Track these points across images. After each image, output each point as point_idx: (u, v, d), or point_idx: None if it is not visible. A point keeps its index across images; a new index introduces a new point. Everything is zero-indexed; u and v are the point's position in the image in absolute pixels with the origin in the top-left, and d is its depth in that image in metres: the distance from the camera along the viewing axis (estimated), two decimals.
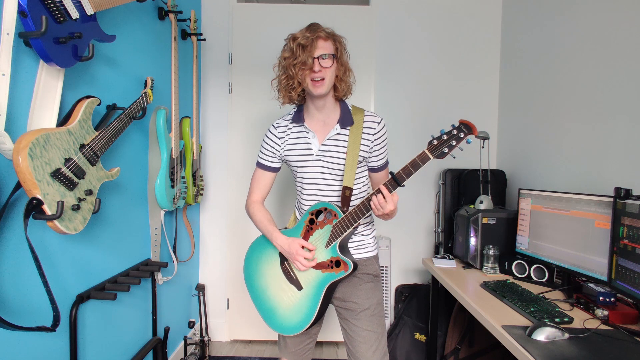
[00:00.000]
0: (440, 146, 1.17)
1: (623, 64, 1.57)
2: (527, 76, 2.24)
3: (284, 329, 1.36)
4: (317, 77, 1.25)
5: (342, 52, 1.32)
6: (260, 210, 1.42)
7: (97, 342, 1.42)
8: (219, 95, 2.58)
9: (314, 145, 1.35)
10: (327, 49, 1.27)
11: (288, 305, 1.36)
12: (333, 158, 1.34)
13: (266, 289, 1.42)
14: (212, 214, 2.62)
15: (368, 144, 1.35)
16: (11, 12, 0.94)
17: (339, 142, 1.34)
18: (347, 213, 1.27)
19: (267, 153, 1.41)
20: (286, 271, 1.38)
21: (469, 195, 2.28)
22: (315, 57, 1.25)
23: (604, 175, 1.64)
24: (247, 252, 1.50)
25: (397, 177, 1.20)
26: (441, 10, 2.55)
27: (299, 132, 1.38)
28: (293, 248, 1.30)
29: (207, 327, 2.50)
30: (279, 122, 1.41)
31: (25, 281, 1.09)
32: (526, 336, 1.17)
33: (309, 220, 1.35)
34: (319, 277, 1.31)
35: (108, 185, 1.44)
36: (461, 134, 1.16)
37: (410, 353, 2.30)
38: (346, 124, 1.34)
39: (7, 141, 0.96)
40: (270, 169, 1.43)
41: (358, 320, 1.34)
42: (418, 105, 2.58)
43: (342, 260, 1.28)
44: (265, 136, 1.42)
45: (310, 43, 1.24)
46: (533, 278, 1.73)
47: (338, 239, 1.29)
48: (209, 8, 2.54)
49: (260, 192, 1.45)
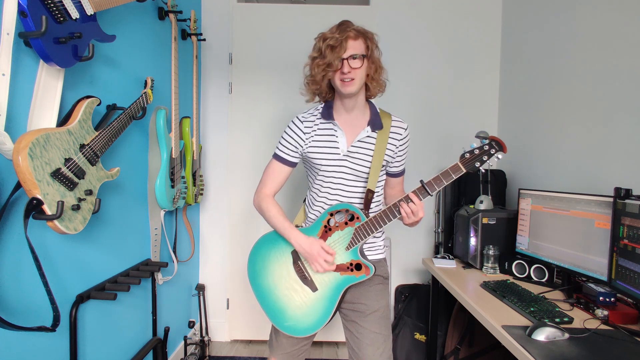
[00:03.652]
0: (473, 160, 1.23)
1: (623, 64, 1.57)
2: (527, 76, 2.24)
3: (294, 330, 1.31)
4: (347, 78, 1.22)
5: (374, 50, 1.28)
6: (274, 205, 1.35)
7: (97, 342, 1.42)
8: (219, 95, 2.58)
9: (341, 145, 1.31)
10: (357, 49, 1.23)
11: (300, 306, 1.31)
12: (360, 160, 1.32)
13: (274, 288, 1.35)
14: (212, 214, 2.62)
15: (393, 149, 1.35)
16: (11, 12, 0.94)
17: (367, 144, 1.32)
18: (373, 217, 1.25)
19: (290, 147, 1.34)
20: (299, 271, 1.33)
21: (469, 195, 2.28)
22: (344, 58, 1.21)
23: (604, 175, 1.64)
24: (253, 249, 1.42)
25: (428, 187, 1.23)
26: (441, 10, 2.56)
27: (326, 130, 1.33)
28: (315, 249, 1.26)
29: (207, 327, 2.50)
30: (305, 116, 1.34)
31: (25, 281, 1.08)
32: (526, 336, 1.17)
33: (327, 220, 1.31)
34: (337, 280, 1.29)
35: (108, 185, 1.44)
36: (492, 150, 1.23)
37: (410, 353, 2.30)
38: (376, 127, 1.32)
39: (7, 141, 0.96)
40: (289, 164, 1.36)
41: (366, 322, 1.32)
42: (418, 105, 2.58)
43: (363, 264, 1.27)
44: (289, 128, 1.34)
45: (339, 44, 1.20)
46: (533, 278, 1.73)
47: (360, 243, 1.27)
48: (209, 8, 2.54)
49: (274, 185, 1.37)
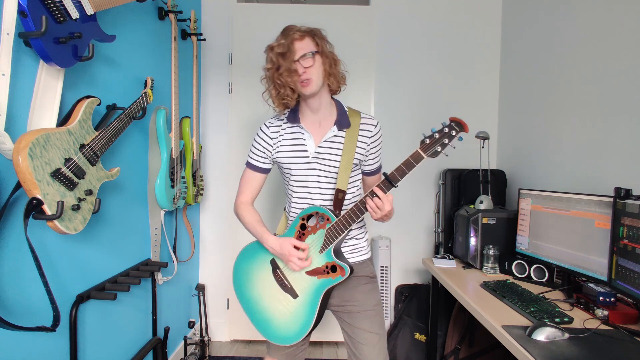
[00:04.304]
0: (433, 145, 1.16)
1: (623, 64, 1.57)
2: (527, 76, 2.24)
3: (281, 339, 1.31)
4: (304, 79, 1.23)
5: (324, 46, 1.27)
6: (249, 212, 1.37)
7: (97, 342, 1.42)
8: (219, 95, 2.58)
9: (309, 147, 1.32)
10: (306, 48, 1.23)
11: (284, 314, 1.31)
12: (329, 160, 1.31)
13: (259, 299, 1.36)
14: (212, 214, 2.62)
15: (364, 147, 1.33)
16: (11, 12, 0.94)
17: (335, 144, 1.31)
18: (341, 217, 1.24)
19: (258, 153, 1.37)
20: (279, 279, 1.33)
21: (469, 195, 2.28)
22: (296, 60, 1.22)
23: (604, 175, 1.64)
24: (235, 263, 1.43)
25: (391, 178, 1.18)
26: (441, 10, 2.56)
27: (293, 133, 1.34)
28: (285, 248, 1.26)
29: (207, 327, 2.50)
30: (271, 122, 1.37)
31: (25, 281, 1.08)
32: (526, 336, 1.17)
33: (300, 225, 1.31)
34: (315, 284, 1.28)
35: (108, 185, 1.44)
36: (453, 131, 1.16)
37: (410, 353, 2.30)
38: (343, 125, 1.31)
39: (7, 141, 0.96)
40: (261, 170, 1.38)
41: (359, 322, 1.33)
42: (418, 105, 2.58)
43: (338, 265, 1.25)
44: (257, 135, 1.37)
45: (287, 49, 1.21)
46: (533, 278, 1.73)
47: (333, 244, 1.26)
48: (209, 8, 2.54)
49: (250, 193, 1.40)
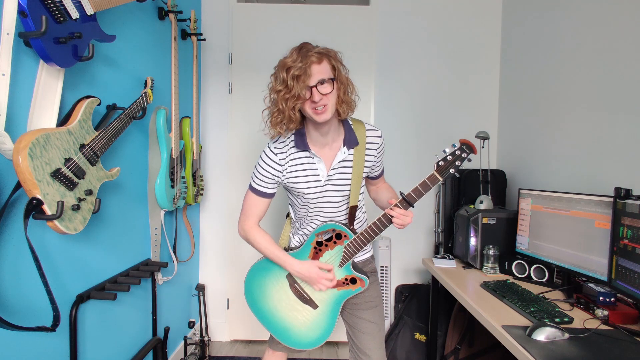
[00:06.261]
0: (447, 167, 1.24)
1: (623, 64, 1.57)
2: (528, 76, 2.24)
3: (301, 345, 1.39)
4: (319, 107, 1.16)
5: (340, 69, 1.20)
6: (261, 235, 1.35)
7: (97, 342, 1.42)
8: (219, 95, 2.58)
9: (321, 172, 1.30)
10: (324, 73, 1.15)
11: (304, 323, 1.38)
12: (340, 180, 1.32)
13: (276, 310, 1.40)
14: (212, 214, 2.62)
15: (372, 159, 1.35)
16: (11, 12, 0.94)
17: (345, 162, 1.31)
18: (360, 234, 1.29)
19: (266, 180, 1.30)
20: (297, 292, 1.38)
21: (469, 195, 2.28)
22: (312, 86, 1.14)
23: (604, 175, 1.64)
24: (247, 278, 1.42)
25: (408, 199, 1.24)
26: (441, 10, 2.56)
27: (302, 158, 1.29)
28: (313, 272, 1.30)
29: (207, 327, 2.50)
30: (277, 147, 1.29)
31: (25, 281, 1.08)
32: (526, 336, 1.17)
33: (315, 242, 1.34)
34: (335, 295, 1.36)
35: (108, 185, 1.44)
36: (464, 154, 1.23)
37: (410, 353, 2.30)
38: (352, 144, 1.30)
39: (7, 141, 0.96)
40: (268, 195, 1.34)
41: (361, 312, 1.40)
42: (418, 105, 2.58)
43: (358, 278, 1.34)
44: (263, 161, 1.29)
45: (304, 72, 1.12)
46: (533, 278, 1.73)
47: (352, 258, 1.32)
48: (209, 8, 2.54)
49: (257, 217, 1.36)
